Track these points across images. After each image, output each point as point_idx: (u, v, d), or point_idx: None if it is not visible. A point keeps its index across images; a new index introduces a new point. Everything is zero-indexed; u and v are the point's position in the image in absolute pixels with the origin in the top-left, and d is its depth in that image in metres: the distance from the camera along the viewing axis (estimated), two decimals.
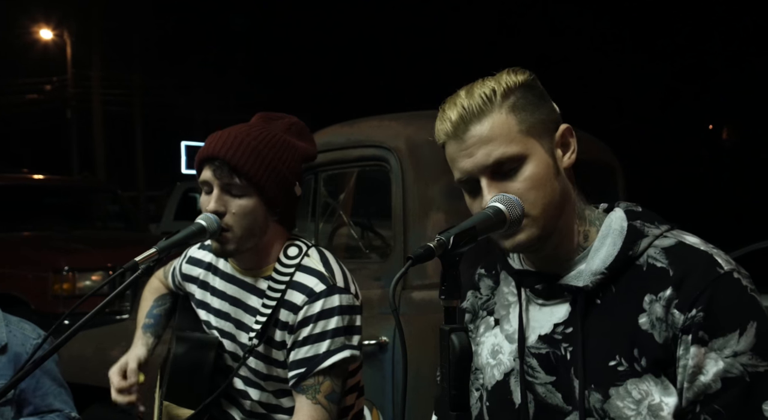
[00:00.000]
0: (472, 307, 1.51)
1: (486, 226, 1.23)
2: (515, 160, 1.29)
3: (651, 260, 1.28)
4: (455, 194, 2.97)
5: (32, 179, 9.23)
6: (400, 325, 1.16)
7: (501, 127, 1.30)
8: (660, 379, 1.24)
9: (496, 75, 1.34)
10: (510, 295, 1.45)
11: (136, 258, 1.64)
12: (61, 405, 2.24)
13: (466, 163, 1.32)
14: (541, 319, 1.37)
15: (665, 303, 1.24)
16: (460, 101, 1.32)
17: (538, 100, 1.34)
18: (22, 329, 2.24)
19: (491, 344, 1.44)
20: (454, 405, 1.15)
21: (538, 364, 1.35)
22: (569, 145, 1.36)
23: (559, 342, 1.33)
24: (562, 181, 1.33)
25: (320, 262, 1.90)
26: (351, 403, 2.01)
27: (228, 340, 1.97)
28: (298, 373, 1.83)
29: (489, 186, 1.31)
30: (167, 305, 2.14)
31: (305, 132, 1.98)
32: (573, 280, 1.33)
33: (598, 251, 1.32)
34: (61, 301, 6.63)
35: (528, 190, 1.29)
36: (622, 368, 1.25)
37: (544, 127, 1.33)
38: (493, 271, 1.51)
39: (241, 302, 1.95)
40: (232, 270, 1.98)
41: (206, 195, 1.86)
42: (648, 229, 1.32)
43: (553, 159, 1.33)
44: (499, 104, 1.30)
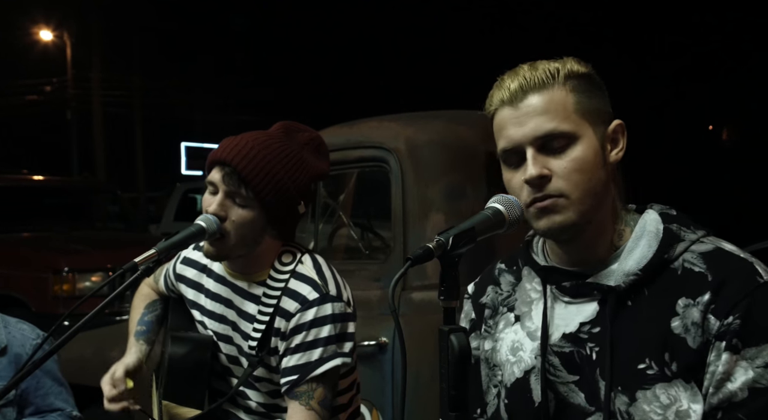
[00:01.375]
0: (492, 302, 1.48)
1: (485, 227, 1.23)
2: (566, 138, 1.28)
3: (687, 265, 1.26)
4: (455, 195, 2.98)
5: (32, 180, 9.23)
6: (400, 325, 1.16)
7: (558, 102, 1.29)
8: (690, 385, 1.22)
9: (560, 59, 1.34)
10: (533, 292, 1.42)
11: (136, 259, 1.64)
12: (63, 404, 2.25)
13: (516, 131, 1.30)
14: (566, 317, 1.34)
15: (702, 308, 1.22)
16: (523, 72, 1.31)
17: (597, 90, 1.33)
18: (21, 330, 2.24)
19: (511, 341, 1.42)
20: (454, 405, 1.15)
21: (560, 362, 1.33)
22: (619, 141, 1.34)
23: (585, 341, 1.31)
24: (606, 173, 1.31)
25: (313, 270, 1.91)
26: (347, 401, 2.02)
27: (223, 342, 1.97)
28: (291, 379, 1.84)
29: (535, 158, 1.28)
30: (158, 311, 2.14)
31: (323, 149, 1.97)
32: (604, 279, 1.31)
33: (632, 252, 1.30)
34: (61, 302, 6.63)
35: (573, 171, 1.27)
36: (651, 372, 1.24)
37: (599, 115, 1.32)
38: (515, 267, 1.48)
39: (234, 305, 1.95)
40: (224, 272, 1.98)
41: (210, 195, 1.86)
42: (684, 234, 1.30)
43: (603, 149, 1.31)
44: (561, 82, 1.30)
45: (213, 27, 24.50)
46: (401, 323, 1.17)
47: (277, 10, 23.99)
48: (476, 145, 3.00)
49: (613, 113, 1.36)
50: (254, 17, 24.52)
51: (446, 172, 2.92)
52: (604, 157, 1.31)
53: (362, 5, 22.38)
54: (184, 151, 20.48)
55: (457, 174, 2.92)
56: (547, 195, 1.28)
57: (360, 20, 22.55)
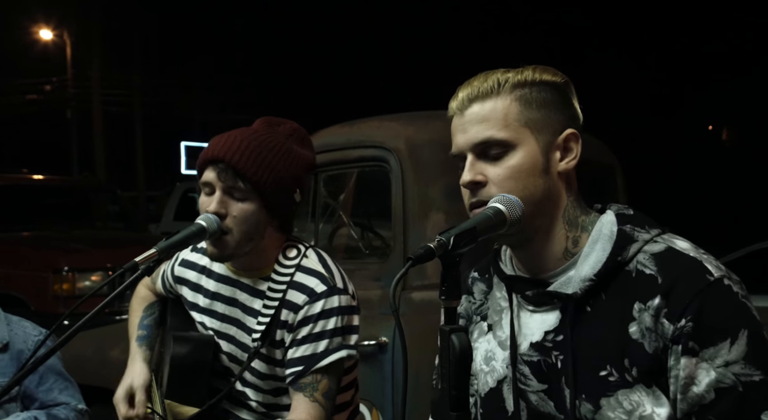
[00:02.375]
0: (466, 312, 1.50)
1: (486, 226, 1.23)
2: (502, 146, 1.30)
3: (640, 266, 1.26)
4: (455, 195, 2.97)
5: (32, 179, 9.22)
6: (401, 325, 1.16)
7: (500, 111, 1.31)
8: (651, 390, 1.22)
9: (521, 67, 1.36)
10: (502, 301, 1.43)
11: (136, 258, 1.64)
12: (67, 398, 2.26)
13: (460, 138, 1.35)
14: (532, 326, 1.35)
15: (654, 312, 1.21)
16: (475, 81, 1.35)
17: (555, 101, 1.33)
18: (23, 327, 2.25)
19: (484, 350, 1.43)
20: (455, 405, 1.15)
21: (531, 371, 1.34)
22: (571, 150, 1.34)
23: (550, 350, 1.31)
24: (548, 181, 1.31)
25: (319, 263, 1.92)
26: (348, 399, 2.03)
27: (225, 341, 1.97)
28: (296, 370, 1.84)
29: (472, 164, 1.34)
30: (156, 314, 2.15)
31: (306, 139, 1.98)
32: (562, 286, 1.31)
33: (587, 257, 1.30)
34: (61, 302, 6.62)
35: (506, 178, 1.30)
36: (612, 378, 1.23)
37: (547, 124, 1.32)
38: (486, 275, 1.50)
39: (238, 303, 1.95)
40: (226, 271, 1.98)
41: (206, 196, 1.86)
42: (638, 234, 1.29)
43: (546, 158, 1.31)
44: (508, 91, 1.32)
45: (213, 27, 24.50)
46: (402, 323, 1.17)
47: (277, 10, 23.99)
48: None
49: (577, 121, 1.36)
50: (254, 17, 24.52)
51: (446, 171, 2.92)
52: (548, 165, 1.31)
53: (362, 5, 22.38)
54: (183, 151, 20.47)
55: (457, 174, 2.92)
56: (480, 201, 1.32)
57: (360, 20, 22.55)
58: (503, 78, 1.33)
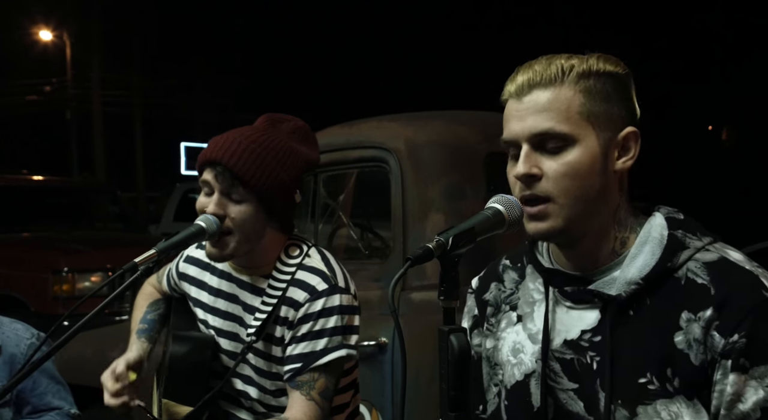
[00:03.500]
0: (495, 300, 1.44)
1: (485, 227, 1.21)
2: (562, 139, 1.24)
3: (691, 275, 1.21)
4: (455, 195, 2.98)
5: (32, 180, 9.23)
6: (400, 326, 1.16)
7: (562, 102, 1.24)
8: (692, 402, 1.18)
9: (584, 55, 1.29)
10: (536, 293, 1.38)
11: (136, 259, 1.64)
12: (60, 402, 2.24)
13: (515, 125, 1.27)
14: (568, 322, 1.30)
15: (705, 324, 1.17)
16: (536, 65, 1.28)
17: (617, 94, 1.28)
18: (15, 330, 2.23)
19: (512, 341, 1.38)
20: (454, 405, 1.14)
21: (561, 369, 1.30)
22: (630, 149, 1.28)
23: (586, 350, 1.27)
24: (605, 180, 1.26)
25: (321, 262, 1.92)
26: (347, 400, 2.02)
27: (226, 338, 1.97)
28: (294, 367, 1.84)
29: (527, 156, 1.25)
30: (161, 310, 2.14)
31: (310, 137, 1.97)
32: (605, 286, 1.26)
33: (634, 259, 1.25)
34: (61, 302, 6.62)
35: (563, 175, 1.23)
36: (652, 387, 1.20)
37: (609, 120, 1.26)
38: (519, 264, 1.44)
39: (239, 300, 1.95)
40: (228, 268, 1.99)
41: (205, 196, 1.86)
42: (689, 241, 1.24)
43: (605, 156, 1.25)
44: (572, 81, 1.25)
45: (213, 27, 24.51)
46: (401, 323, 1.17)
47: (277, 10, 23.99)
48: (476, 145, 3.00)
49: (635, 118, 1.30)
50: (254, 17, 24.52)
51: (446, 172, 2.92)
52: (606, 164, 1.26)
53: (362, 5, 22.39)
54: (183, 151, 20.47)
55: (456, 174, 2.92)
56: (534, 195, 1.25)
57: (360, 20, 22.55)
58: (567, 65, 1.26)
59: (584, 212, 1.25)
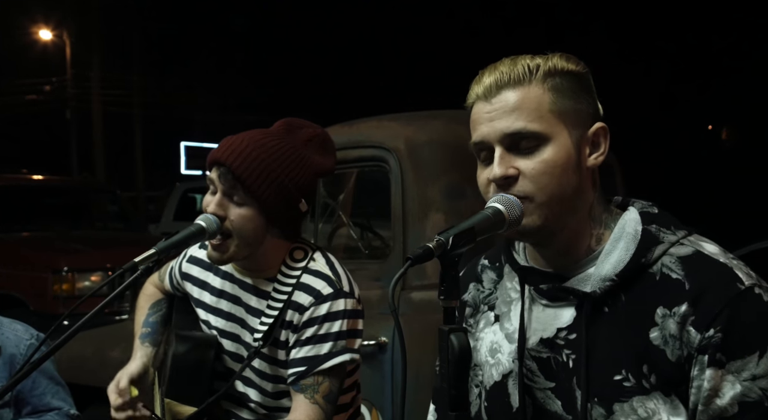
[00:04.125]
0: (474, 300, 1.44)
1: (485, 226, 1.21)
2: (536, 138, 1.23)
3: (665, 270, 1.21)
4: (455, 194, 2.98)
5: (32, 180, 9.22)
6: (400, 325, 1.16)
7: (533, 100, 1.23)
8: (669, 398, 1.18)
9: (546, 55, 1.28)
10: (513, 292, 1.37)
11: (136, 259, 1.64)
12: (60, 403, 2.24)
13: (486, 127, 1.25)
14: (544, 320, 1.30)
15: (680, 319, 1.16)
16: (501, 67, 1.26)
17: (582, 91, 1.27)
18: (14, 330, 2.23)
19: (490, 341, 1.38)
20: (454, 405, 1.14)
21: (538, 368, 1.30)
22: (600, 145, 1.28)
23: (562, 348, 1.27)
24: (579, 177, 1.26)
25: (326, 266, 1.92)
26: (348, 401, 2.02)
27: (229, 340, 1.97)
28: (298, 371, 1.84)
29: (502, 157, 1.24)
30: (163, 311, 2.14)
31: (327, 145, 1.95)
32: (580, 283, 1.26)
33: (609, 255, 1.24)
34: (61, 302, 6.63)
35: (541, 173, 1.22)
36: (628, 384, 1.19)
37: (578, 117, 1.26)
38: (497, 263, 1.43)
39: (242, 302, 1.95)
40: (231, 270, 1.98)
41: (210, 194, 1.86)
42: (663, 235, 1.24)
43: (578, 152, 1.25)
44: (540, 80, 1.24)
45: (213, 27, 24.51)
46: (401, 323, 1.17)
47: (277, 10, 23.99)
48: None
49: (600, 115, 1.30)
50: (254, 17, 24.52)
51: (446, 171, 2.92)
52: (579, 160, 1.25)
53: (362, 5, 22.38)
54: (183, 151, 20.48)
55: (456, 173, 2.92)
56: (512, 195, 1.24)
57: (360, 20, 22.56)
58: (533, 64, 1.25)
59: (561, 210, 1.24)
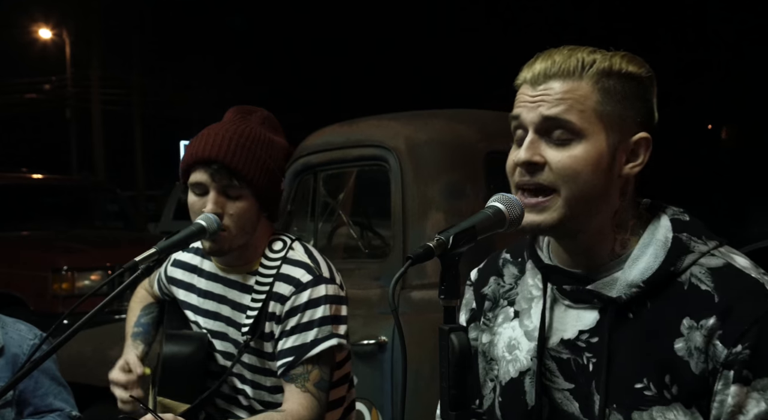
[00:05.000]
0: (493, 294, 1.42)
1: (485, 225, 1.20)
2: (571, 131, 1.20)
3: (694, 280, 1.18)
4: (454, 194, 2.98)
5: (31, 179, 9.21)
6: (400, 324, 1.16)
7: (578, 95, 1.21)
8: (690, 411, 1.16)
9: (612, 52, 1.25)
10: (534, 289, 1.35)
11: (136, 258, 1.64)
12: (62, 404, 2.23)
13: (524, 109, 1.24)
14: (566, 321, 1.28)
15: (707, 333, 1.14)
16: (556, 55, 1.24)
17: (635, 97, 1.24)
18: (18, 330, 2.22)
19: (508, 337, 1.36)
20: (454, 405, 1.14)
21: (557, 368, 1.28)
22: (639, 156, 1.24)
23: (583, 350, 1.25)
24: (608, 182, 1.22)
25: (305, 254, 1.93)
26: (342, 394, 2.03)
27: (218, 339, 1.97)
28: (287, 361, 1.85)
29: (532, 142, 1.22)
30: (154, 314, 2.15)
31: (277, 125, 1.99)
32: (605, 287, 1.24)
33: (637, 261, 1.22)
34: (60, 301, 6.63)
35: (567, 167, 1.20)
36: (649, 393, 1.18)
37: (622, 123, 1.22)
38: (519, 259, 1.41)
39: (228, 300, 1.96)
40: (216, 269, 1.99)
41: (197, 197, 1.85)
42: (694, 244, 1.21)
43: (611, 157, 1.22)
44: (591, 77, 1.21)
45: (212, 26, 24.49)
46: (401, 322, 1.17)
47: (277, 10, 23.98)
48: (476, 144, 3.00)
49: (651, 123, 1.26)
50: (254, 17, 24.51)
51: (446, 170, 2.92)
52: (611, 166, 1.22)
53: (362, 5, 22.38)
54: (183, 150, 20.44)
55: (456, 173, 2.92)
56: (538, 184, 1.23)
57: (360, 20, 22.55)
58: (589, 59, 1.22)
59: (582, 210, 1.22)
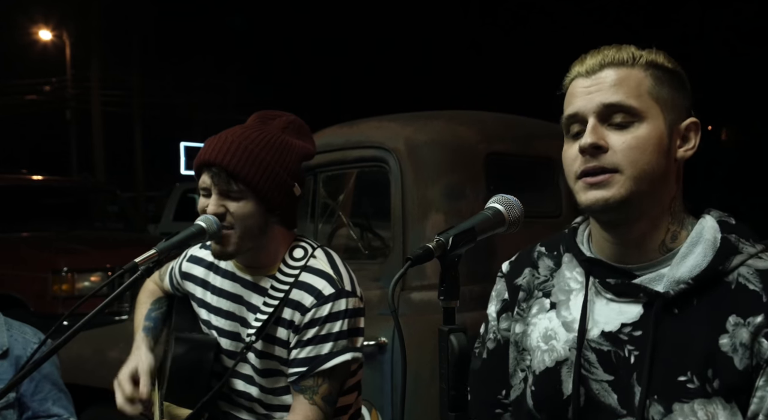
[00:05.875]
0: (528, 285, 1.44)
1: (485, 227, 1.22)
2: (631, 114, 1.25)
3: (742, 280, 1.22)
4: (454, 195, 2.98)
5: (31, 180, 9.21)
6: (400, 326, 1.16)
7: (634, 80, 1.27)
8: (730, 405, 1.19)
9: (653, 49, 1.32)
10: (573, 281, 1.38)
11: (136, 259, 1.64)
12: (60, 410, 2.23)
13: (583, 99, 1.28)
14: (607, 314, 1.31)
15: (754, 329, 1.18)
16: (606, 50, 1.31)
17: (679, 86, 1.31)
18: (23, 333, 2.23)
19: (544, 328, 1.38)
20: (453, 405, 1.15)
21: (597, 359, 1.30)
22: (690, 139, 1.30)
23: (625, 343, 1.28)
24: (668, 164, 1.27)
25: (327, 264, 1.92)
26: (351, 402, 2.02)
27: (227, 338, 1.97)
28: (299, 371, 1.85)
29: (594, 127, 1.25)
30: (164, 308, 2.15)
31: (304, 130, 1.98)
32: (652, 282, 1.27)
33: (685, 258, 1.26)
34: (60, 302, 6.62)
35: (632, 147, 1.24)
36: (692, 386, 1.21)
37: (675, 106, 1.28)
38: (555, 252, 1.44)
39: (242, 300, 1.95)
40: (233, 268, 1.99)
41: (204, 198, 1.87)
42: (743, 246, 1.26)
43: (670, 139, 1.27)
44: (642, 66, 1.28)
45: (212, 27, 24.50)
46: (401, 323, 1.17)
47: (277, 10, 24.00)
48: (476, 145, 3.00)
49: (691, 112, 1.32)
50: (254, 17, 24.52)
51: (446, 172, 2.92)
52: (670, 146, 1.27)
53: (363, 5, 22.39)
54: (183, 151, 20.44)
55: (456, 174, 2.92)
56: (599, 167, 1.25)
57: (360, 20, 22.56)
58: (638, 53, 1.29)
59: (646, 190, 1.25)
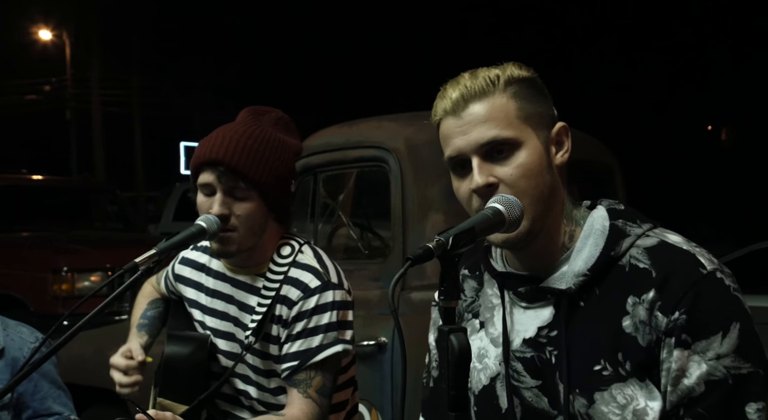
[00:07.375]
0: (458, 310, 1.47)
1: (485, 226, 1.22)
2: (509, 145, 1.28)
3: (633, 261, 1.27)
4: (454, 195, 2.98)
5: (31, 180, 9.21)
6: (399, 325, 1.16)
7: (500, 109, 1.29)
8: (644, 384, 1.23)
9: (500, 65, 1.35)
10: (494, 298, 1.43)
11: (136, 259, 1.64)
12: (60, 408, 2.23)
13: (460, 140, 1.31)
14: (525, 322, 1.35)
15: (648, 305, 1.22)
16: (464, 81, 1.32)
17: (539, 94, 1.34)
18: (19, 333, 2.22)
19: (477, 348, 1.43)
20: (453, 405, 1.14)
21: (524, 368, 1.34)
22: (563, 143, 1.35)
23: (544, 345, 1.32)
24: (552, 176, 1.32)
25: (314, 259, 1.93)
26: (346, 398, 2.03)
27: (224, 339, 1.97)
28: (291, 366, 1.85)
29: (480, 166, 1.29)
30: (161, 309, 2.15)
31: (290, 126, 1.99)
32: (556, 282, 1.31)
33: (580, 252, 1.30)
34: (60, 302, 6.63)
35: (519, 177, 1.28)
36: (606, 373, 1.24)
37: (541, 119, 1.32)
38: (477, 272, 1.49)
39: (236, 300, 1.96)
40: (224, 269, 1.99)
41: (205, 197, 1.86)
42: (630, 228, 1.30)
43: (547, 153, 1.32)
44: (501, 89, 1.30)
45: (212, 27, 24.50)
46: (401, 323, 1.17)
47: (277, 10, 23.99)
48: None
49: (556, 116, 1.36)
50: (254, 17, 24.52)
51: (446, 172, 2.90)
52: (549, 160, 1.31)
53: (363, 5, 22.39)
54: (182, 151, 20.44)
55: None
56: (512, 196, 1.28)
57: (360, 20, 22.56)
58: (493, 75, 1.31)
59: (542, 210, 1.30)
